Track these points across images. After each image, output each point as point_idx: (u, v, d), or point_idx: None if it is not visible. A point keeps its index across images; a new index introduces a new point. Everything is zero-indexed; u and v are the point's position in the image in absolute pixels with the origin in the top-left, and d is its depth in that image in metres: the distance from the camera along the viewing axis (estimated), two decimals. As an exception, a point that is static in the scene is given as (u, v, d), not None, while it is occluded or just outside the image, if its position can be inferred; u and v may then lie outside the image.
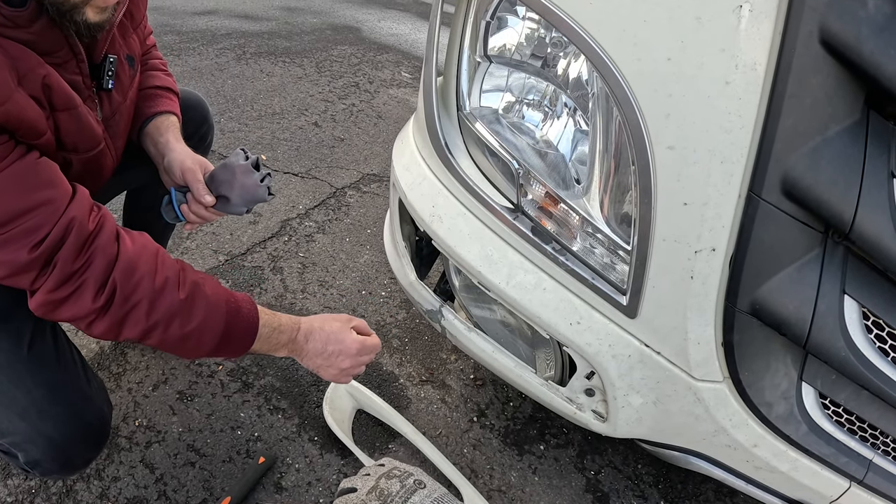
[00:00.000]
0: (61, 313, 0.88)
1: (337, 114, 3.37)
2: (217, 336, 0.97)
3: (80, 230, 0.85)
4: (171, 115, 1.28)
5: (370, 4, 6.14)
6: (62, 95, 0.90)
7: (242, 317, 1.01)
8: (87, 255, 0.85)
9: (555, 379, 1.16)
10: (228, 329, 0.99)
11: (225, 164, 1.19)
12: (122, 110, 1.12)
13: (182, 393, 1.56)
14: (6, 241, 0.80)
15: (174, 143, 1.23)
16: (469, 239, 1.09)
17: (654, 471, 1.61)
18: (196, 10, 4.77)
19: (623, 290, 0.98)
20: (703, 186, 0.83)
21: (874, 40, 0.69)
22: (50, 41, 0.87)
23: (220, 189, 1.19)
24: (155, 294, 0.90)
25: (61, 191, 0.85)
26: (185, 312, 0.93)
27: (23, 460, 1.03)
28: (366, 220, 2.46)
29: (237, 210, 1.22)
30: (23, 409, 0.97)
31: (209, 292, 0.97)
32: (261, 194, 1.19)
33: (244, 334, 1.02)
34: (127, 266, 0.89)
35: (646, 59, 0.81)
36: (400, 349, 1.83)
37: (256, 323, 1.03)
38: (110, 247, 0.88)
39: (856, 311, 0.86)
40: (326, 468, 1.44)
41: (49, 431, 0.99)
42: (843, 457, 0.99)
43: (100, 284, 0.86)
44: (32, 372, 0.98)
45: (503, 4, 1.04)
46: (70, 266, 0.84)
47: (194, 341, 0.96)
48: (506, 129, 1.09)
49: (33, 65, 0.83)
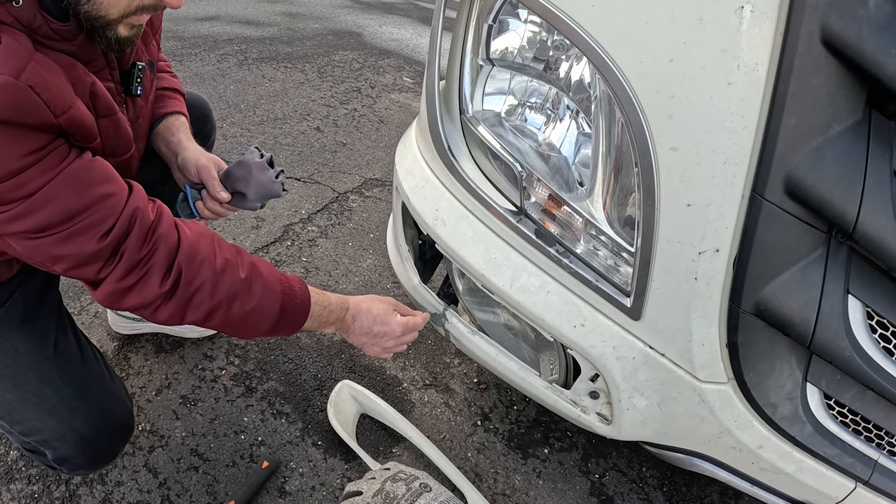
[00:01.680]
0: (128, 301, 0.91)
1: (339, 119, 3.37)
2: (274, 315, 1.01)
3: (143, 220, 0.89)
4: (180, 115, 1.31)
5: (371, 9, 6.16)
6: (105, 103, 0.94)
7: (296, 296, 1.05)
8: (151, 243, 0.89)
9: (559, 382, 1.16)
10: (284, 308, 1.03)
11: (241, 162, 1.23)
12: (143, 114, 1.16)
13: (185, 397, 1.56)
14: (72, 234, 0.83)
15: (187, 142, 1.26)
16: (472, 242, 1.09)
17: (659, 473, 1.60)
18: (198, 15, 4.78)
19: (627, 292, 0.98)
20: (706, 187, 0.83)
21: (875, 39, 0.69)
22: (89, 52, 0.91)
23: (237, 185, 1.23)
24: (217, 276, 0.94)
25: (119, 185, 0.89)
26: (245, 292, 0.97)
27: (51, 457, 1.07)
28: (368, 224, 2.46)
29: (252, 205, 1.27)
30: (52, 407, 1.01)
31: (266, 272, 1.01)
32: (276, 189, 1.24)
33: (298, 313, 1.06)
34: (189, 250, 0.92)
35: (648, 60, 0.81)
36: (403, 353, 1.83)
37: (308, 302, 1.07)
38: (171, 234, 0.92)
39: (860, 311, 0.86)
40: (330, 472, 1.44)
41: (79, 427, 1.03)
42: (849, 457, 0.99)
43: (165, 269, 0.90)
44: (60, 370, 1.03)
45: (505, 7, 1.04)
46: (137, 254, 0.88)
47: (254, 320, 1.00)
48: (508, 131, 1.10)
49: (80, 74, 0.87)
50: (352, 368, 1.74)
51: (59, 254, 0.84)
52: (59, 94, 0.79)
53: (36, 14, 0.78)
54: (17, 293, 1.04)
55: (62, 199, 0.81)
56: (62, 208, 0.81)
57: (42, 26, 0.80)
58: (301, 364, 1.72)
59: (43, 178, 0.79)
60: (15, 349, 1.01)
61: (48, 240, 0.82)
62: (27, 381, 1.01)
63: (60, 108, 0.79)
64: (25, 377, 1.01)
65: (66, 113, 0.80)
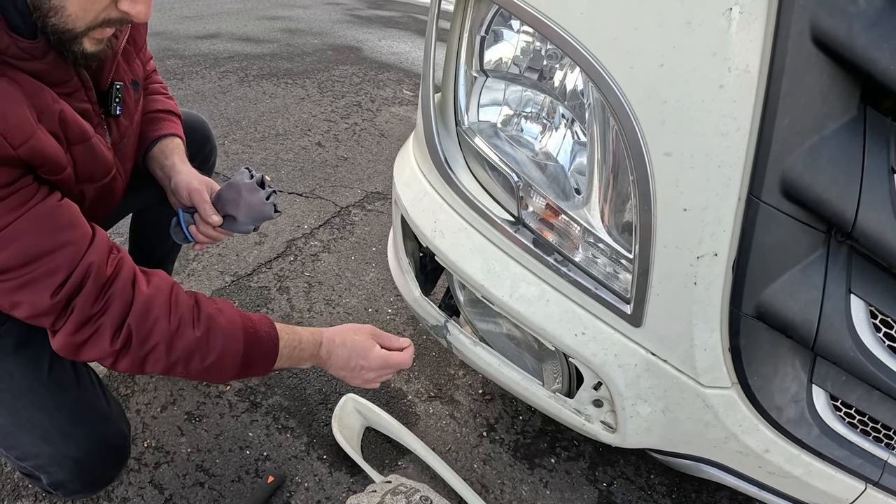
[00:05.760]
0: (83, 355, 0.90)
1: (340, 133, 3.39)
2: (238, 363, 1.00)
3: (98, 275, 0.87)
4: (175, 137, 1.29)
5: (370, 24, 6.20)
6: (77, 129, 0.92)
7: (262, 341, 1.03)
8: (104, 300, 0.87)
9: (562, 391, 1.15)
10: (248, 355, 1.01)
11: (230, 184, 1.20)
12: (129, 134, 1.14)
13: (190, 413, 1.56)
14: (29, 281, 0.82)
15: (180, 165, 1.24)
16: (471, 253, 1.09)
17: (667, 480, 1.59)
18: (198, 34, 4.83)
19: (627, 299, 0.98)
20: (701, 191, 0.83)
21: (866, 35, 0.68)
22: (61, 71, 0.89)
23: (227, 208, 1.20)
24: (171, 335, 0.92)
25: (81, 233, 0.87)
26: (203, 347, 0.95)
27: (46, 482, 1.05)
28: (371, 238, 2.47)
29: (244, 228, 1.23)
30: (46, 433, 1.00)
31: (225, 323, 0.99)
32: (267, 212, 1.19)
33: (265, 357, 1.04)
34: (142, 310, 0.90)
35: (638, 66, 0.81)
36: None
37: (276, 344, 1.05)
38: (127, 291, 0.90)
39: (863, 310, 0.85)
40: (336, 486, 1.43)
41: (73, 453, 1.01)
42: (857, 458, 0.98)
43: (116, 328, 0.88)
44: (54, 395, 1.01)
45: (497, 19, 1.05)
46: (88, 310, 0.86)
47: (216, 371, 0.99)
48: (504, 142, 1.10)
49: (49, 101, 0.85)
50: (356, 382, 1.73)
51: (16, 300, 0.83)
52: (17, 125, 0.77)
53: (2, 34, 0.77)
54: (11, 319, 1.02)
55: (22, 242, 0.80)
56: (21, 251, 0.80)
57: (10, 46, 0.78)
58: (305, 378, 1.72)
59: (4, 219, 0.78)
60: (10, 375, 1.00)
61: (4, 285, 0.81)
62: (21, 407, 0.99)
63: (19, 139, 0.77)
64: (20, 403, 0.99)
65: (25, 144, 0.78)
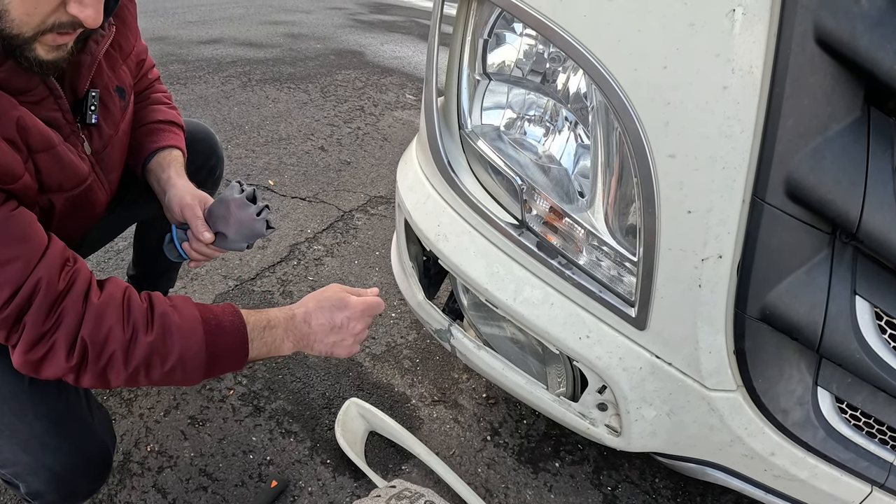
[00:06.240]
0: (44, 372, 0.87)
1: (343, 137, 3.39)
2: (203, 361, 0.95)
3: (49, 290, 0.83)
4: (173, 149, 1.26)
5: (373, 28, 6.22)
6: (38, 136, 0.89)
7: (225, 330, 0.97)
8: (55, 315, 0.84)
9: (566, 394, 1.15)
10: (213, 348, 0.95)
11: (220, 199, 1.15)
12: (114, 143, 1.11)
13: (193, 418, 1.56)
14: None
15: (175, 179, 1.21)
16: (475, 257, 1.09)
17: (672, 484, 1.58)
18: (201, 38, 4.85)
19: (631, 302, 0.97)
20: (706, 193, 0.82)
21: (869, 36, 0.68)
22: (23, 79, 0.86)
23: (217, 225, 1.15)
24: (126, 344, 0.88)
25: (32, 246, 0.83)
26: (160, 351, 0.91)
27: (24, 491, 1.02)
28: (374, 242, 2.47)
29: (236, 246, 1.18)
30: (24, 441, 0.97)
31: (179, 321, 0.94)
32: (258, 229, 1.14)
33: (233, 347, 0.98)
34: (95, 321, 0.87)
35: (642, 68, 0.81)
36: (411, 370, 1.82)
37: (244, 330, 0.99)
38: (78, 305, 0.86)
39: (868, 312, 0.85)
40: (339, 491, 1.43)
41: (50, 464, 0.98)
42: (863, 461, 0.97)
43: (70, 343, 0.85)
44: (35, 403, 0.98)
45: (500, 22, 1.05)
46: (41, 327, 0.83)
47: (181, 373, 0.94)
48: (508, 145, 1.10)
49: (6, 107, 0.82)
50: (360, 386, 1.73)
51: None
52: None
53: None
54: None
55: None
56: None
57: None
58: (309, 383, 1.71)
59: None
60: None
61: None
62: (1, 414, 0.96)
63: None
64: (0, 409, 0.96)
65: None
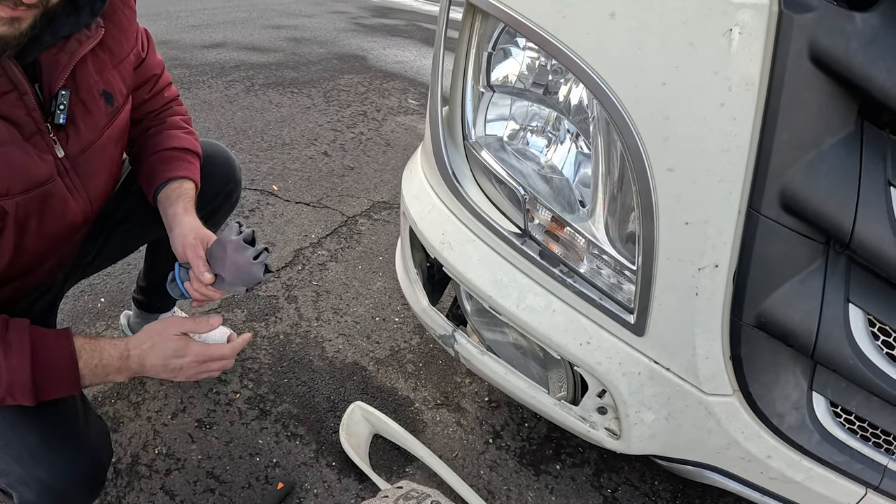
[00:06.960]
0: None
1: (346, 142, 3.42)
2: (29, 388, 0.93)
3: None
4: (185, 180, 1.23)
5: (375, 33, 6.24)
6: None
7: (57, 370, 0.97)
8: None
9: (567, 398, 1.18)
10: (40, 383, 0.94)
11: (218, 240, 1.11)
12: (94, 149, 1.06)
13: (201, 421, 1.58)
14: None
15: (182, 216, 1.17)
16: (479, 265, 1.11)
17: (672, 487, 1.61)
18: (205, 43, 4.87)
19: (630, 309, 1.00)
20: (703, 205, 0.85)
21: (863, 54, 0.71)
22: None
23: (216, 267, 1.11)
24: None
25: None
26: None
27: (17, 501, 1.02)
28: (377, 247, 2.49)
29: (234, 289, 1.14)
30: (18, 453, 0.97)
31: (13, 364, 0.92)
32: (255, 273, 1.08)
33: (62, 384, 0.97)
34: None
35: (642, 85, 0.83)
36: (415, 374, 1.85)
37: (76, 374, 0.98)
38: None
39: (861, 319, 0.87)
40: (345, 493, 1.45)
41: (43, 476, 0.98)
42: (858, 464, 0.99)
43: None
44: (29, 415, 0.98)
45: (504, 36, 1.07)
46: None
47: (10, 400, 0.93)
48: (511, 156, 1.12)
49: None
50: (364, 390, 1.76)
51: None
52: None
53: None
54: None
55: None
56: None
57: None
58: (314, 386, 1.74)
59: None
60: None
61: None
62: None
63: None
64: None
65: None
